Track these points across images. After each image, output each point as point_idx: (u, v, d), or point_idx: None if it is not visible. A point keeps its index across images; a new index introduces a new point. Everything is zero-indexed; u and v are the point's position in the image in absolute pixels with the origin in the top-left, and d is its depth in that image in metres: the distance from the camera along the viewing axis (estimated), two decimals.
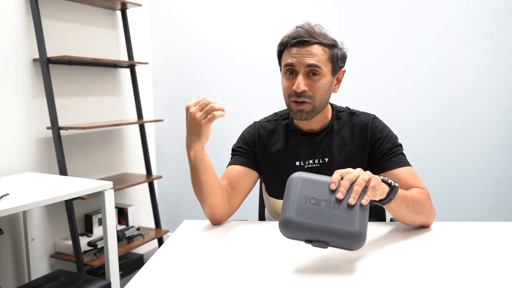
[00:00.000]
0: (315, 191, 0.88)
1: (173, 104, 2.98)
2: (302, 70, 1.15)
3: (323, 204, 0.86)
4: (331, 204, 0.86)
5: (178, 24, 2.90)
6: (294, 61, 1.15)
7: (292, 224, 0.85)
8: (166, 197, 3.09)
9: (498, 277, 0.82)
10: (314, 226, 0.84)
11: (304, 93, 1.15)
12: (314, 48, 1.15)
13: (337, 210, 0.85)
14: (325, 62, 1.16)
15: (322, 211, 0.85)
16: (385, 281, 0.81)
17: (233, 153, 1.32)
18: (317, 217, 0.85)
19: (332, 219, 0.84)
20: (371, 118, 1.27)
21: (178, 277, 0.85)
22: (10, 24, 2.10)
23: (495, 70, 2.19)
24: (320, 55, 1.15)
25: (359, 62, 2.39)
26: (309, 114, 1.18)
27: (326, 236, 0.84)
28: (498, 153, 2.24)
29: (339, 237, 0.84)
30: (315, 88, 1.16)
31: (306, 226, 0.85)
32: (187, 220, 1.23)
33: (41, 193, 1.68)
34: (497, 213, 2.25)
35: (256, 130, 1.32)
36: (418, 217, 1.07)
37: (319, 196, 0.87)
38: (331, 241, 0.85)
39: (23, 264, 2.18)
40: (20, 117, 2.15)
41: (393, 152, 1.21)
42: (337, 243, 0.85)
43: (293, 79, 1.17)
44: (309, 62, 1.14)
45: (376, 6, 2.38)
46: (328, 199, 0.87)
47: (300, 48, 1.15)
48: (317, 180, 0.90)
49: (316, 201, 0.87)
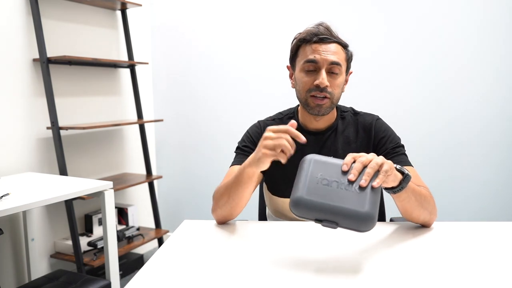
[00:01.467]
0: (327, 172, 0.89)
1: (173, 104, 2.98)
2: (325, 67, 1.18)
3: (334, 185, 0.87)
4: (343, 186, 0.87)
5: (178, 24, 2.90)
6: (317, 57, 1.17)
7: (302, 203, 0.85)
8: (166, 197, 3.09)
9: (498, 277, 0.82)
10: (324, 205, 0.84)
11: (326, 89, 1.18)
12: (335, 46, 1.19)
13: (348, 192, 0.86)
14: (343, 61, 1.21)
15: (333, 192, 0.86)
16: (386, 281, 0.81)
17: (238, 151, 1.33)
18: (328, 197, 0.85)
19: (343, 200, 0.84)
20: (375, 119, 1.30)
21: (178, 277, 0.85)
22: (10, 24, 2.10)
23: (495, 69, 2.20)
24: (340, 54, 1.20)
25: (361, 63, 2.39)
26: (326, 110, 1.21)
27: (336, 216, 0.84)
28: (499, 153, 2.24)
29: (348, 217, 0.83)
30: (335, 85, 1.20)
31: (316, 205, 0.85)
32: (187, 220, 1.23)
33: (41, 193, 1.68)
34: (497, 213, 2.26)
35: (261, 129, 1.33)
36: (423, 213, 1.08)
37: (330, 177, 0.88)
38: (340, 221, 0.84)
39: (23, 264, 2.18)
40: (20, 117, 2.15)
41: (395, 152, 1.23)
42: (347, 223, 0.84)
43: (313, 75, 1.19)
44: (332, 60, 1.17)
45: (385, 9, 2.38)
46: (340, 180, 0.87)
47: (322, 45, 1.18)
48: (329, 162, 0.91)
49: (328, 182, 0.87)
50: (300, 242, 1.04)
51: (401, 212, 1.10)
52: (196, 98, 2.90)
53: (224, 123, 2.84)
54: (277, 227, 1.17)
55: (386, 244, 1.01)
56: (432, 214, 1.10)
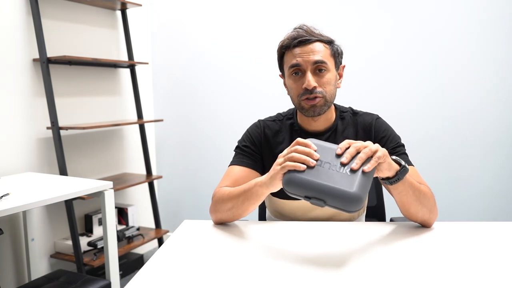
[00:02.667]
0: (321, 155, 0.92)
1: (173, 104, 2.98)
2: (309, 68, 1.18)
3: (326, 166, 0.90)
4: (334, 168, 0.90)
5: (178, 24, 2.90)
6: (299, 61, 1.18)
7: (293, 180, 0.90)
8: (166, 197, 3.09)
9: (498, 277, 0.82)
10: (314, 183, 0.88)
11: (315, 89, 1.18)
12: (316, 45, 1.19)
13: (339, 173, 0.89)
14: (329, 58, 1.20)
15: (324, 172, 0.89)
16: (386, 281, 0.81)
17: (237, 151, 1.32)
18: (318, 176, 0.88)
19: (333, 180, 0.87)
20: (374, 118, 1.29)
21: (178, 277, 0.85)
22: (10, 24, 2.10)
23: (495, 70, 2.20)
24: (323, 51, 1.19)
25: (362, 63, 2.39)
26: (322, 109, 1.21)
27: (325, 195, 0.87)
28: (498, 153, 2.24)
29: (336, 197, 0.86)
30: (324, 83, 1.19)
31: (307, 183, 0.88)
32: (187, 220, 1.23)
33: (41, 193, 1.68)
34: (498, 213, 2.26)
35: (262, 129, 1.33)
36: (422, 209, 1.07)
37: (323, 159, 0.91)
38: (328, 200, 0.87)
39: (23, 264, 2.18)
40: (20, 117, 2.15)
41: (396, 151, 1.23)
42: (334, 202, 0.87)
43: (300, 79, 1.20)
44: (315, 59, 1.17)
45: (387, 10, 2.38)
46: (332, 162, 0.90)
47: (302, 48, 1.18)
48: (324, 146, 0.94)
49: (320, 163, 0.90)
50: (300, 242, 1.04)
51: (399, 207, 1.09)
52: (196, 98, 2.90)
53: (224, 123, 2.84)
54: (277, 227, 1.16)
55: (386, 244, 1.01)
56: (432, 213, 1.09)
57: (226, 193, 1.15)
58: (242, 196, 1.09)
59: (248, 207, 1.10)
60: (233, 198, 1.11)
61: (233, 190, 1.13)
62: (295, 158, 0.92)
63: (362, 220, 1.36)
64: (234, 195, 1.11)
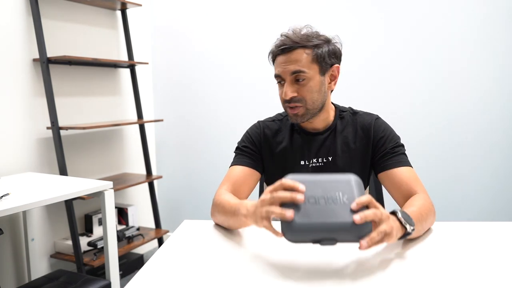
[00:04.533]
0: (312, 190, 0.86)
1: (173, 104, 2.98)
2: (288, 78, 1.19)
3: (322, 202, 0.84)
4: (330, 200, 0.84)
5: (178, 24, 2.90)
6: (279, 71, 1.19)
7: (296, 228, 0.82)
8: (166, 197, 3.09)
9: (498, 277, 0.82)
10: (319, 225, 0.82)
11: (294, 99, 1.19)
12: (296, 53, 1.17)
13: (338, 205, 0.84)
14: (309, 65, 1.17)
15: (323, 208, 0.83)
16: (386, 281, 0.81)
17: (237, 151, 1.33)
18: (320, 215, 0.82)
19: (335, 214, 0.83)
20: (374, 118, 1.29)
21: (178, 277, 0.85)
22: (10, 24, 2.10)
23: (496, 70, 2.20)
24: (303, 59, 1.17)
25: (361, 63, 2.39)
26: (303, 117, 1.21)
27: (333, 233, 0.82)
28: (499, 153, 2.24)
29: (345, 230, 0.82)
30: (304, 91, 1.19)
31: (312, 226, 0.82)
32: (187, 220, 1.23)
33: (41, 193, 1.68)
34: (497, 213, 2.26)
35: (261, 129, 1.34)
36: (427, 226, 1.06)
37: (316, 194, 0.85)
38: (338, 236, 0.82)
39: (23, 264, 2.18)
40: (20, 117, 2.15)
41: (395, 151, 1.23)
42: (345, 237, 0.83)
43: (282, 87, 1.21)
44: (292, 69, 1.17)
45: (385, 8, 2.38)
46: (326, 195, 0.85)
47: (284, 57, 1.18)
48: (311, 180, 0.88)
49: (315, 200, 0.85)
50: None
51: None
52: (196, 98, 2.90)
53: (224, 123, 2.84)
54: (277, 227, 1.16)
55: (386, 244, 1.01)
56: (433, 220, 1.10)
57: (220, 203, 1.13)
58: (230, 216, 1.07)
59: (237, 227, 1.09)
60: (224, 214, 1.10)
61: (226, 204, 1.10)
62: (280, 199, 0.84)
63: None
64: (225, 210, 1.10)
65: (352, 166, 1.26)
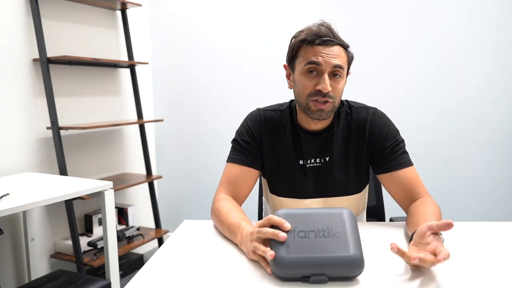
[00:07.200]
0: (301, 224, 0.84)
1: (173, 104, 2.98)
2: (328, 70, 1.12)
3: (312, 235, 0.82)
4: (321, 233, 0.82)
5: (178, 24, 2.90)
6: (320, 60, 1.11)
7: (285, 263, 0.79)
8: (166, 197, 3.09)
9: (498, 277, 0.82)
10: (308, 259, 0.79)
11: (328, 94, 1.13)
12: (338, 49, 1.14)
13: (328, 239, 0.82)
14: (345, 64, 1.16)
15: (313, 242, 0.81)
16: (385, 281, 0.81)
17: (236, 145, 1.29)
18: (310, 249, 0.80)
19: (326, 248, 0.80)
20: (370, 113, 1.24)
21: (178, 277, 0.85)
22: (10, 24, 2.10)
23: (496, 71, 2.20)
24: (343, 57, 1.15)
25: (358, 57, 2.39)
26: (328, 114, 1.17)
27: (323, 268, 0.79)
28: (499, 153, 2.24)
29: (336, 265, 0.79)
30: (337, 89, 1.15)
31: (301, 261, 0.79)
32: (187, 220, 1.23)
33: (41, 193, 1.67)
34: (498, 213, 2.26)
35: (262, 122, 1.29)
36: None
37: (306, 228, 0.83)
38: (329, 271, 0.80)
39: (23, 264, 2.18)
40: (20, 117, 2.15)
41: (395, 151, 1.19)
42: (336, 272, 0.80)
43: (315, 79, 1.14)
44: (336, 63, 1.12)
45: (382, 7, 2.38)
46: (316, 229, 0.83)
47: (325, 48, 1.12)
48: (300, 213, 0.86)
49: (305, 234, 0.82)
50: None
51: None
52: (196, 98, 2.90)
53: (224, 122, 2.84)
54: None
55: (386, 244, 1.01)
56: None
57: (220, 215, 1.12)
58: (227, 233, 1.07)
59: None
60: (221, 227, 1.10)
61: (224, 218, 1.09)
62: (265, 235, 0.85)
63: (363, 219, 1.35)
64: (223, 225, 1.10)
65: (348, 165, 1.24)
